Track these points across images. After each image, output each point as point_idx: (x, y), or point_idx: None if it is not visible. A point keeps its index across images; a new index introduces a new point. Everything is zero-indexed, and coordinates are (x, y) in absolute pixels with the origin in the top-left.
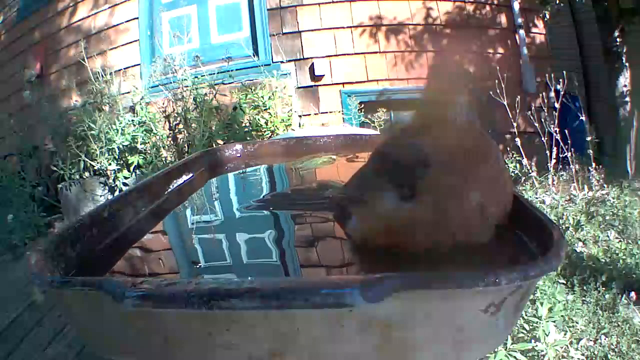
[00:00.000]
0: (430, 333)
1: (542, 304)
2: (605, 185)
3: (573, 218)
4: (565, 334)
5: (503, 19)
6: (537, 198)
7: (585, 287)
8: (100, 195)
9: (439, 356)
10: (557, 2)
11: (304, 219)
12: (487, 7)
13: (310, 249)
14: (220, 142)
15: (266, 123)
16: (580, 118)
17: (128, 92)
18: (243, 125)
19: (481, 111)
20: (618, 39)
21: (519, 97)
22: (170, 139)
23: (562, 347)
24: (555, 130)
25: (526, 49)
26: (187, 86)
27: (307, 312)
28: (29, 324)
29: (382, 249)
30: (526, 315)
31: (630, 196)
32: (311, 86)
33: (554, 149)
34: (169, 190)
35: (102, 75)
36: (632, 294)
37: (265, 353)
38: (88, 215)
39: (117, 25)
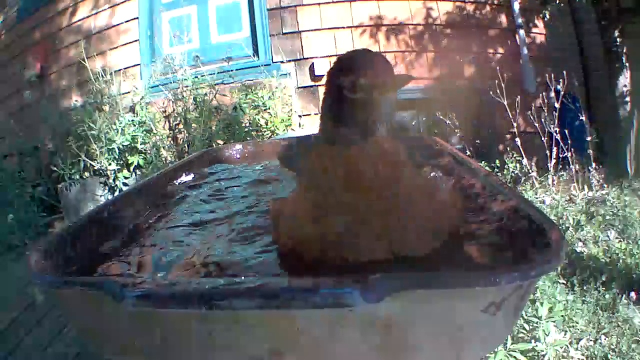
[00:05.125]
0: (430, 333)
1: (542, 304)
2: (605, 185)
3: (573, 218)
4: (565, 334)
5: (503, 19)
6: (537, 198)
7: (585, 287)
8: (100, 195)
9: (438, 356)
10: (557, 2)
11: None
12: (487, 7)
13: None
14: (220, 142)
15: (266, 123)
16: (580, 118)
17: (128, 92)
18: (243, 125)
19: (481, 111)
20: (618, 39)
21: (519, 97)
22: (170, 139)
23: (562, 347)
24: (555, 130)
25: (526, 49)
26: (187, 86)
27: (307, 312)
28: (29, 324)
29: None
30: (526, 315)
31: (630, 196)
32: (311, 86)
33: (554, 149)
34: (169, 190)
35: (102, 76)
36: (632, 294)
37: (265, 353)
38: (87, 216)
39: (117, 25)
